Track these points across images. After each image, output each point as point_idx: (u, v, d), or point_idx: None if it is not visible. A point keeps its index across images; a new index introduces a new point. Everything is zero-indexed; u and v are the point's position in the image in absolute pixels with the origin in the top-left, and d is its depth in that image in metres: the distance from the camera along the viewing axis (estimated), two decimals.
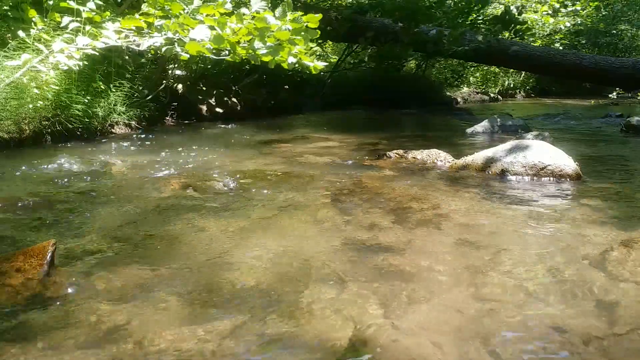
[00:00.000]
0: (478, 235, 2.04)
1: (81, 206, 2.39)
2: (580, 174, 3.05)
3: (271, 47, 2.83)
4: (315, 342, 1.26)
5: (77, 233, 2.01)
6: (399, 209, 2.42)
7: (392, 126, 6.94)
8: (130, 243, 1.92)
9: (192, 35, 2.80)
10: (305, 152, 4.14)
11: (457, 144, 4.81)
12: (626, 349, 1.25)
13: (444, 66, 12.20)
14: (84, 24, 3.22)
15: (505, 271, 1.69)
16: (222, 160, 3.66)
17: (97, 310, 1.39)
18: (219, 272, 1.66)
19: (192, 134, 5.32)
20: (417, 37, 8.37)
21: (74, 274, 1.62)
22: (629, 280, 1.62)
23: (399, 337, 1.28)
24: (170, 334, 1.28)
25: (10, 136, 3.87)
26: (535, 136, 4.78)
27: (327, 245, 1.93)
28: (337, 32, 7.95)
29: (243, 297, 1.49)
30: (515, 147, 3.29)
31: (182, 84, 6.41)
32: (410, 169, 3.39)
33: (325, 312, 1.40)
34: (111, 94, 4.89)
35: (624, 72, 8.46)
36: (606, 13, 15.93)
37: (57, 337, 1.26)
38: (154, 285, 1.55)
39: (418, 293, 1.53)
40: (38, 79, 3.73)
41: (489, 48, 8.71)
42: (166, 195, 2.60)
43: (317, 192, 2.72)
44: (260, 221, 2.21)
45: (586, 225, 2.16)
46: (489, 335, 1.30)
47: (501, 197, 2.65)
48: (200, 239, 1.97)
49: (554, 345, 1.26)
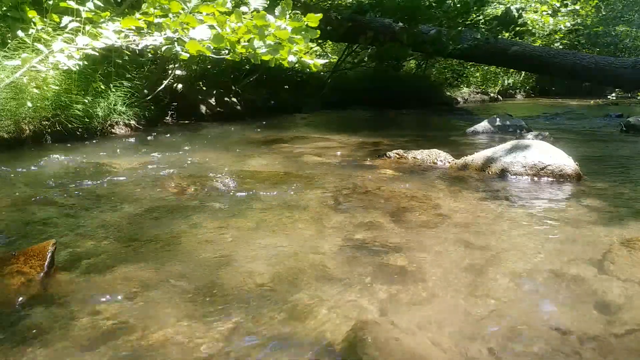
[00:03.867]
0: (478, 235, 2.04)
1: (81, 206, 2.39)
2: (580, 174, 3.05)
3: (271, 45, 2.82)
4: (315, 341, 1.26)
5: (77, 233, 2.01)
6: (398, 208, 2.42)
7: (392, 126, 6.94)
8: (130, 243, 1.92)
9: (192, 34, 2.80)
10: (305, 152, 4.14)
11: (457, 144, 4.81)
12: (627, 349, 1.25)
13: (444, 66, 12.21)
14: (84, 24, 3.22)
15: (505, 271, 1.69)
16: (222, 160, 3.66)
17: (97, 310, 1.39)
18: (219, 272, 1.66)
19: (192, 134, 5.32)
20: (417, 37, 8.37)
21: (74, 274, 1.62)
22: (630, 280, 1.62)
23: (399, 337, 1.28)
24: (170, 334, 1.28)
25: (10, 136, 3.87)
26: (535, 136, 4.78)
27: (327, 245, 1.93)
28: (337, 32, 7.95)
29: (243, 296, 1.49)
30: (515, 147, 3.29)
31: (182, 83, 6.41)
32: (410, 169, 3.39)
33: (325, 311, 1.40)
34: (111, 94, 4.89)
35: (624, 72, 8.47)
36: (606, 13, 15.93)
37: (58, 337, 1.26)
38: (154, 285, 1.55)
39: (418, 293, 1.53)
40: (38, 79, 3.73)
41: (489, 48, 8.72)
42: (166, 195, 2.60)
43: (317, 192, 2.72)
44: (260, 221, 2.21)
45: (586, 225, 2.16)
46: (489, 335, 1.30)
47: (501, 197, 2.65)
48: (200, 239, 1.97)
49: (554, 345, 1.26)
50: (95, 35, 3.09)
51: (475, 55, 9.27)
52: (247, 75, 7.38)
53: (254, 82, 7.40)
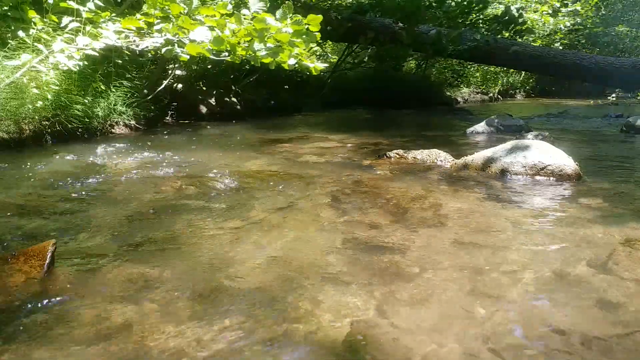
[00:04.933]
0: (478, 235, 2.04)
1: (81, 206, 2.39)
2: (580, 174, 3.05)
3: (271, 48, 2.82)
4: (315, 341, 1.26)
5: (77, 233, 2.01)
6: (399, 208, 2.42)
7: (392, 126, 6.94)
8: (130, 243, 1.92)
9: (192, 36, 2.79)
10: (305, 152, 4.14)
11: (457, 144, 4.81)
12: (628, 350, 1.25)
13: (444, 66, 12.21)
14: (84, 24, 3.22)
15: (506, 271, 1.69)
16: (222, 160, 3.66)
17: (97, 310, 1.39)
18: (219, 272, 1.66)
19: (192, 134, 5.32)
20: (417, 37, 8.37)
21: (74, 274, 1.62)
22: (630, 280, 1.62)
23: (399, 337, 1.28)
24: (170, 334, 1.28)
25: (10, 136, 3.87)
26: (535, 136, 4.78)
27: (327, 245, 1.93)
28: (337, 32, 7.95)
29: (243, 296, 1.49)
30: (515, 147, 3.29)
31: (182, 83, 6.41)
32: (410, 169, 3.39)
33: (325, 311, 1.40)
34: (111, 94, 4.89)
35: (624, 72, 8.47)
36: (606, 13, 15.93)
37: (58, 337, 1.26)
38: (154, 285, 1.55)
39: (418, 293, 1.53)
40: (38, 79, 3.73)
41: (489, 48, 8.72)
42: (166, 195, 2.61)
43: (317, 192, 2.72)
44: (260, 221, 2.21)
45: (586, 225, 2.16)
46: (490, 335, 1.30)
47: (501, 197, 2.65)
48: (200, 239, 1.97)
49: (554, 345, 1.26)
50: (95, 35, 3.09)
51: (475, 56, 9.27)
52: (247, 75, 7.38)
53: (254, 82, 7.40)
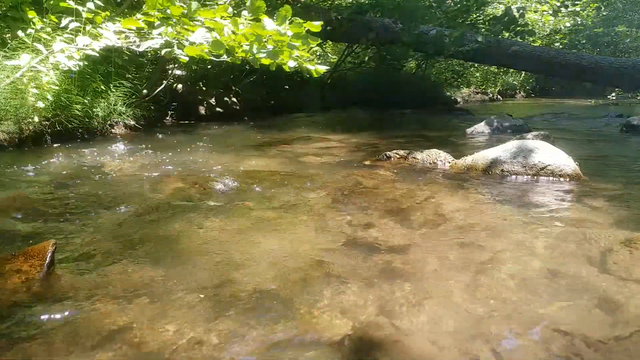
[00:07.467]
0: (478, 235, 2.04)
1: (81, 206, 2.39)
2: (580, 174, 3.05)
3: (270, 50, 2.82)
4: (316, 341, 1.26)
5: (77, 233, 2.01)
6: (399, 209, 2.42)
7: (392, 126, 6.93)
8: (130, 243, 1.92)
9: (191, 38, 2.79)
10: (305, 152, 4.14)
11: (457, 144, 4.81)
12: (628, 350, 1.25)
13: (444, 66, 12.21)
14: (84, 24, 3.22)
15: (506, 271, 1.69)
16: (221, 160, 3.66)
17: (97, 310, 1.39)
18: (219, 272, 1.66)
19: (192, 134, 5.32)
20: (417, 37, 8.37)
21: (74, 274, 1.62)
22: (630, 280, 1.62)
23: (400, 337, 1.28)
24: (170, 334, 1.28)
25: (11, 136, 3.87)
26: (535, 136, 4.78)
27: (327, 245, 1.93)
28: (337, 32, 7.95)
29: (243, 296, 1.49)
30: (515, 147, 3.29)
31: (182, 84, 6.42)
32: (410, 169, 3.39)
33: (325, 312, 1.40)
34: (111, 94, 4.89)
35: (624, 72, 8.47)
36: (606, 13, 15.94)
37: (57, 337, 1.26)
38: (154, 285, 1.55)
39: (418, 293, 1.53)
40: (38, 79, 3.73)
41: (489, 48, 8.72)
42: (166, 195, 2.60)
43: (317, 192, 2.72)
44: (260, 221, 2.21)
45: (586, 225, 2.16)
46: (490, 335, 1.30)
47: (501, 197, 2.65)
48: (200, 239, 1.97)
49: (555, 345, 1.26)
50: (95, 35, 3.09)
51: (475, 56, 9.27)
52: (247, 75, 7.38)
53: (254, 82, 7.40)
